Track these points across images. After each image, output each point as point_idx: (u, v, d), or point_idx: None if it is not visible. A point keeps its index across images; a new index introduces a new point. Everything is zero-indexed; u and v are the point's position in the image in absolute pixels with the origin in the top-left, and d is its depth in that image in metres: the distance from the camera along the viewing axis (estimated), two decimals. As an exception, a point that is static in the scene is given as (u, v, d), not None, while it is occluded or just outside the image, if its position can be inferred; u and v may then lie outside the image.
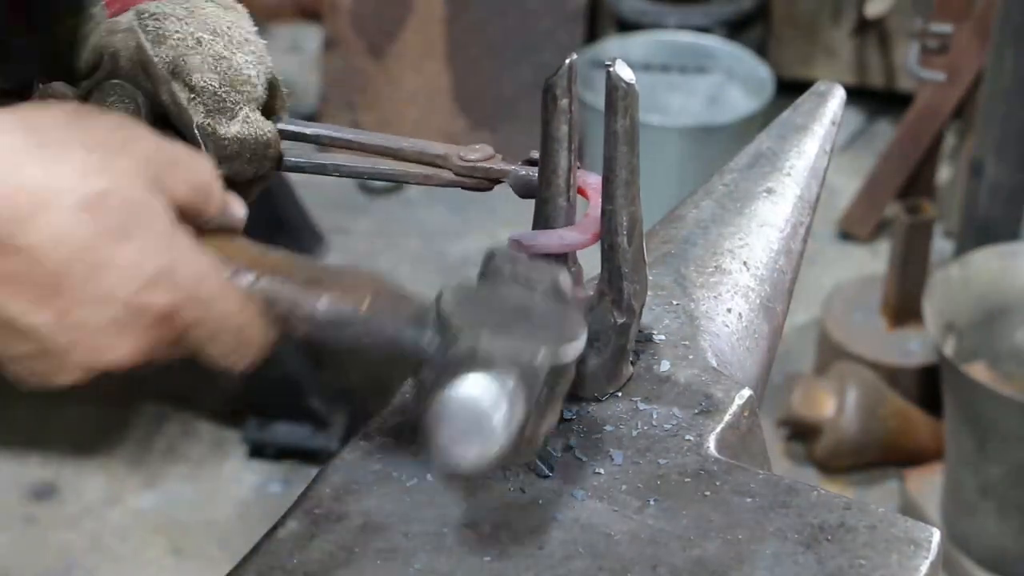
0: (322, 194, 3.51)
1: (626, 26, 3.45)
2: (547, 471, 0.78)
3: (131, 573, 2.50)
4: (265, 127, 0.90)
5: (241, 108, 0.89)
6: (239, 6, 0.93)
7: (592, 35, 3.51)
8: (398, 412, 0.84)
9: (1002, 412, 2.18)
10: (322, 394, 2.64)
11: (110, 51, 0.89)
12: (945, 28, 2.75)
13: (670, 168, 3.02)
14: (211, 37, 0.89)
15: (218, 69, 0.88)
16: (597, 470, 0.78)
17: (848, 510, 0.75)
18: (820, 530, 0.73)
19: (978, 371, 2.32)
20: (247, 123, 0.89)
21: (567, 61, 0.80)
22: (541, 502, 0.76)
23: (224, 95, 0.88)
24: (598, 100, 3.24)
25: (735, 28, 3.43)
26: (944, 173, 3.27)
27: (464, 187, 0.89)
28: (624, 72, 0.78)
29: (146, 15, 0.89)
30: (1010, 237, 2.48)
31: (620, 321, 0.82)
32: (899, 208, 2.67)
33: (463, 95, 3.45)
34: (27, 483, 2.61)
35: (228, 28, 0.90)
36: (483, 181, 0.88)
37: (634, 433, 0.81)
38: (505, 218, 3.36)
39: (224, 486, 2.67)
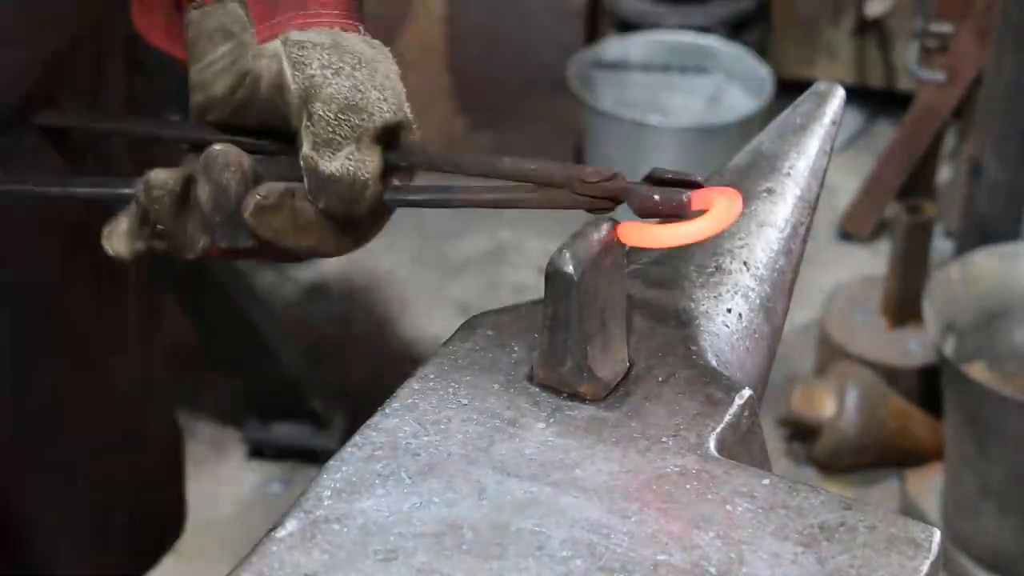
0: (322, 194, 3.50)
1: (626, 26, 3.45)
2: None
3: (131, 573, 2.49)
4: (365, 169, 0.89)
5: (348, 144, 0.88)
6: (385, 49, 0.93)
7: (592, 35, 3.51)
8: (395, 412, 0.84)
9: (1002, 412, 2.18)
10: (322, 394, 2.64)
11: (254, 75, 0.92)
12: (945, 28, 2.76)
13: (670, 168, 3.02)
14: (350, 70, 0.89)
15: (341, 102, 0.88)
16: (597, 469, 0.78)
17: (848, 510, 0.75)
18: (820, 530, 0.73)
19: (978, 371, 2.32)
20: (348, 160, 0.88)
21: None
22: (541, 502, 0.77)
23: (335, 128, 0.88)
24: (598, 100, 3.25)
25: (735, 28, 3.43)
26: (944, 173, 3.27)
27: (585, 208, 0.85)
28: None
29: (292, 43, 0.91)
30: (1010, 237, 2.48)
31: (620, 321, 0.82)
32: (899, 208, 2.67)
33: (463, 95, 3.45)
34: (27, 483, 2.61)
35: (367, 64, 0.90)
36: (605, 201, 0.85)
37: (634, 433, 0.81)
38: (506, 218, 3.36)
39: (224, 486, 2.67)
